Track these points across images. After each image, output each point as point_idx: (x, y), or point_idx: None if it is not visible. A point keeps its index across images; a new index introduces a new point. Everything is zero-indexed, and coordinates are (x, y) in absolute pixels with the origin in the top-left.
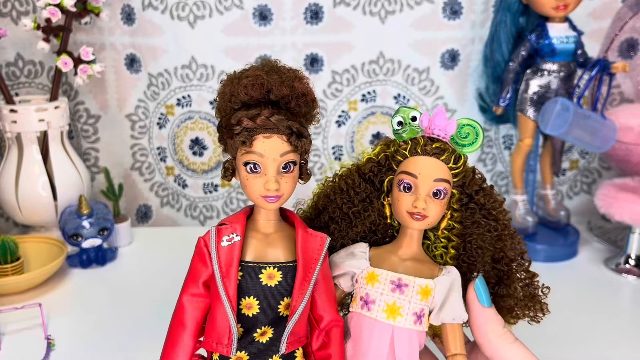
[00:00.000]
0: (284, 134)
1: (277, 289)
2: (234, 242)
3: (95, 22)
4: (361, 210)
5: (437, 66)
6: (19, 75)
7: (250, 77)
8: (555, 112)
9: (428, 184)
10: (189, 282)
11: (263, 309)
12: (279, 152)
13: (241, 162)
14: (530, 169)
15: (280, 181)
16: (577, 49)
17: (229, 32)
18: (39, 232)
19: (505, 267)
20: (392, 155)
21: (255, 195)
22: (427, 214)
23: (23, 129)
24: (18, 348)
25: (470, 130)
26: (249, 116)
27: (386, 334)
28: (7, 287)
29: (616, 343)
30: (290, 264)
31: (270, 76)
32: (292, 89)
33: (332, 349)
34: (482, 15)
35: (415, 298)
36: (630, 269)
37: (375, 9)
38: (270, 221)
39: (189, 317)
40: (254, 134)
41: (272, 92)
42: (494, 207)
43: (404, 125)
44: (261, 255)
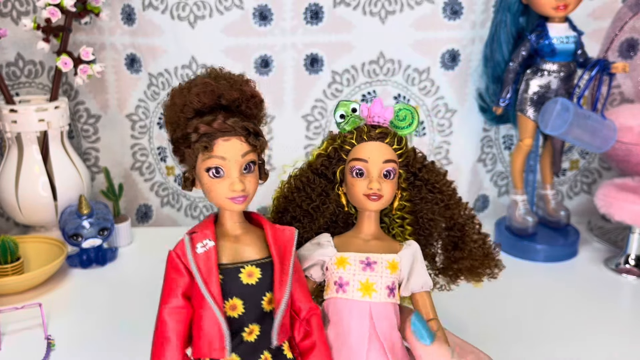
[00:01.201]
0: (242, 135)
1: (258, 285)
2: (209, 247)
3: (95, 22)
4: (319, 204)
5: (437, 66)
6: (19, 75)
7: (199, 85)
8: (555, 112)
9: (378, 165)
10: (167, 295)
11: (248, 307)
12: (240, 153)
13: (202, 168)
14: (530, 169)
15: (244, 181)
16: (577, 49)
17: (229, 32)
18: (39, 232)
19: (459, 232)
20: (340, 146)
21: (221, 199)
22: (381, 193)
23: (23, 129)
24: (18, 348)
25: (407, 113)
26: (206, 122)
27: (365, 311)
28: (7, 287)
29: (616, 343)
30: (266, 260)
31: (219, 82)
32: (241, 92)
33: (315, 337)
34: (483, 16)
35: (385, 272)
36: (630, 269)
37: (375, 9)
38: (237, 223)
39: (172, 330)
40: (213, 138)
41: (223, 96)
42: (437, 180)
43: (346, 117)
44: (236, 256)
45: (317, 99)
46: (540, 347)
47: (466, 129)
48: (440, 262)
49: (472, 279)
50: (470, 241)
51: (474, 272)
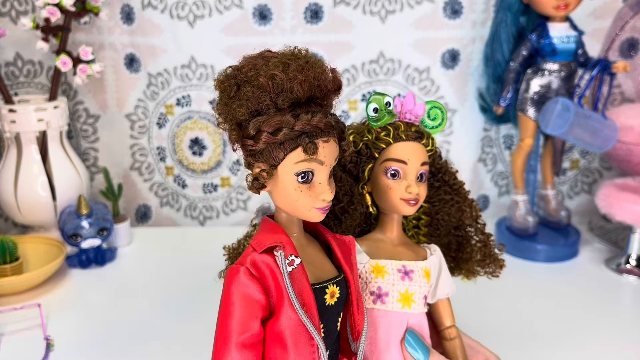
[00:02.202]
0: (336, 137)
1: (336, 306)
2: (297, 265)
3: (95, 22)
4: (346, 204)
5: (437, 66)
6: (18, 75)
7: (298, 70)
8: (556, 112)
9: (416, 168)
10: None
11: (327, 331)
12: (334, 157)
13: (292, 171)
14: (530, 169)
15: (332, 191)
16: (577, 48)
17: (228, 31)
18: (38, 233)
19: (464, 232)
20: (373, 143)
21: (306, 208)
22: (419, 198)
23: (22, 128)
24: (17, 348)
25: (438, 112)
26: (306, 118)
27: (402, 323)
28: (6, 287)
29: (617, 343)
30: (341, 277)
31: (315, 69)
32: (334, 82)
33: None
34: (483, 15)
35: (423, 282)
36: (631, 269)
37: (375, 9)
38: (299, 232)
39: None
40: (314, 138)
41: (319, 88)
42: (456, 182)
43: (380, 112)
44: (319, 274)
45: None
46: (541, 347)
47: (466, 129)
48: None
49: (469, 276)
50: (474, 241)
51: (471, 272)
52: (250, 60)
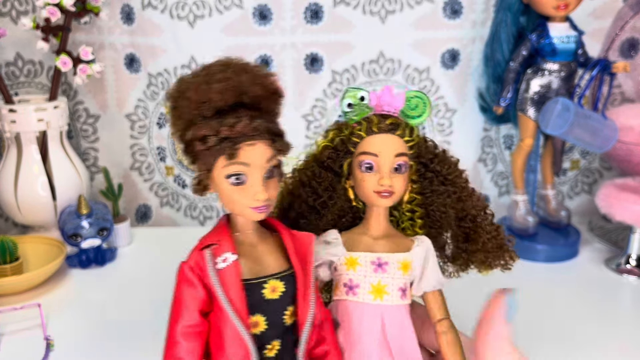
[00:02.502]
0: (267, 139)
1: (281, 300)
2: (231, 262)
3: (95, 22)
4: (326, 199)
5: (437, 66)
6: (18, 74)
7: (220, 80)
8: (556, 112)
9: (389, 160)
10: (180, 314)
11: (271, 323)
12: (265, 159)
13: (222, 175)
14: (531, 169)
15: (268, 189)
16: (577, 48)
17: (228, 31)
18: (38, 232)
19: (471, 223)
20: (348, 138)
21: (242, 208)
22: (393, 189)
23: (22, 128)
24: (17, 348)
25: (419, 102)
26: (229, 125)
27: (376, 315)
28: (6, 287)
29: (617, 343)
30: (288, 272)
31: (241, 76)
32: (264, 87)
33: (329, 343)
34: (483, 15)
35: (398, 274)
36: (631, 270)
37: (375, 9)
38: (252, 230)
39: (185, 351)
40: (237, 143)
41: (246, 93)
42: (450, 172)
43: (354, 106)
44: (258, 268)
45: (317, 98)
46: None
47: (466, 129)
48: (450, 251)
49: (483, 268)
50: (483, 233)
51: (486, 264)
52: (184, 78)
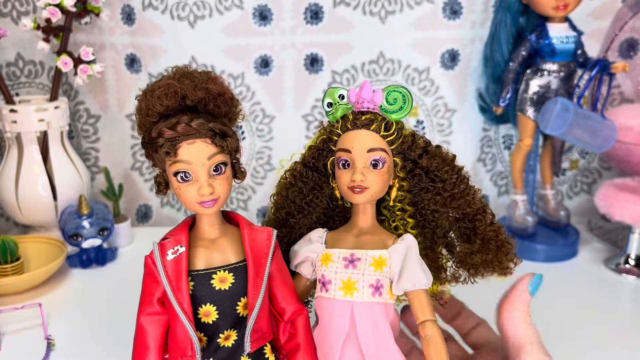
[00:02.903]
0: (207, 137)
1: (232, 291)
2: (180, 254)
3: (95, 22)
4: (312, 198)
5: (437, 66)
6: (19, 75)
7: (162, 87)
8: (555, 112)
9: (363, 155)
10: (144, 302)
11: (222, 313)
12: (206, 156)
13: (170, 173)
14: (530, 169)
15: (214, 184)
16: (577, 49)
17: (229, 32)
18: (39, 232)
19: (469, 223)
20: (329, 137)
21: (191, 203)
22: (366, 185)
23: (23, 129)
24: (18, 348)
25: (398, 96)
26: (169, 125)
27: (346, 311)
28: (7, 287)
29: (616, 343)
30: (240, 264)
31: (183, 82)
32: (207, 91)
33: (300, 338)
34: (482, 15)
35: (369, 270)
36: (630, 269)
37: (375, 9)
38: (214, 226)
39: (150, 337)
40: (176, 142)
41: (187, 97)
42: (439, 168)
43: (334, 105)
44: (210, 262)
45: (317, 98)
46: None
47: (466, 129)
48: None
49: (491, 272)
50: (482, 233)
51: (488, 266)
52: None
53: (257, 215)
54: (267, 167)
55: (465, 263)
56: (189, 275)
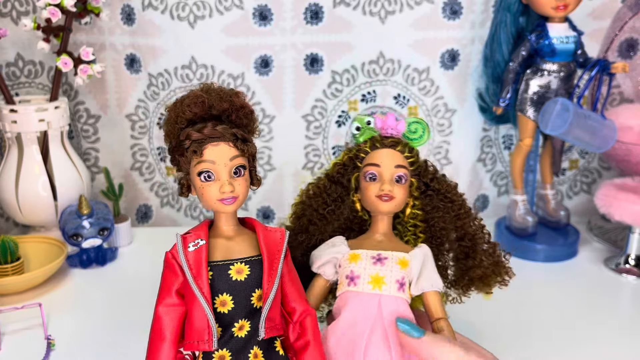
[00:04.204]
0: (230, 141)
1: (247, 282)
2: (200, 246)
3: (95, 22)
4: (334, 208)
5: (437, 66)
6: (19, 75)
7: (191, 97)
8: (555, 112)
9: (390, 170)
10: (163, 293)
11: (237, 303)
12: (228, 157)
13: (195, 173)
14: (530, 169)
15: (234, 184)
16: (577, 49)
17: (229, 32)
18: (39, 232)
19: (469, 242)
20: (356, 155)
21: (212, 201)
22: (393, 195)
23: (23, 129)
24: (18, 348)
25: (418, 127)
26: (196, 129)
27: (373, 303)
28: (7, 287)
29: (616, 343)
30: (255, 258)
31: (210, 94)
32: (231, 102)
33: (309, 336)
34: (482, 16)
35: (396, 267)
36: (630, 269)
37: (375, 9)
38: (231, 226)
39: (167, 327)
40: (203, 143)
41: (214, 107)
42: (448, 190)
43: (362, 130)
44: (227, 254)
45: (317, 98)
46: (540, 347)
47: (466, 129)
48: (452, 274)
49: (483, 288)
50: (480, 250)
51: (485, 281)
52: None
53: (257, 216)
54: (267, 167)
55: (461, 281)
56: (208, 266)
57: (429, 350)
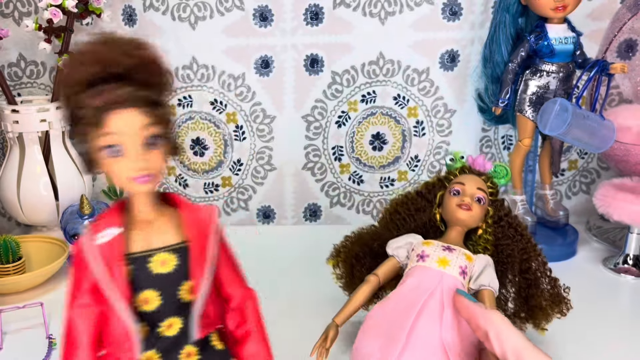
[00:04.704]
0: (139, 106)
1: (174, 274)
2: (113, 237)
3: (97, 23)
4: (414, 213)
5: (436, 67)
6: (21, 75)
7: (86, 53)
8: (554, 112)
9: (472, 189)
10: (73, 293)
11: (163, 299)
12: (138, 127)
13: (97, 148)
14: (529, 169)
15: (148, 158)
16: (575, 49)
17: (229, 33)
18: (40, 232)
19: (532, 275)
20: (446, 177)
21: (122, 180)
22: (471, 208)
23: (25, 129)
24: (20, 347)
25: (502, 170)
26: (93, 94)
27: (436, 277)
28: (9, 286)
29: (615, 343)
30: (181, 244)
31: (110, 48)
32: (136, 57)
33: (250, 324)
34: (482, 16)
35: (461, 257)
36: (629, 269)
37: (375, 10)
38: (149, 206)
39: (81, 332)
40: (103, 112)
41: (115, 64)
42: (519, 225)
43: (455, 161)
44: (148, 243)
45: (317, 99)
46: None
47: (465, 129)
48: (512, 307)
49: (541, 320)
50: (542, 284)
51: (544, 311)
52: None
53: (257, 215)
54: (267, 167)
55: (523, 307)
56: (127, 259)
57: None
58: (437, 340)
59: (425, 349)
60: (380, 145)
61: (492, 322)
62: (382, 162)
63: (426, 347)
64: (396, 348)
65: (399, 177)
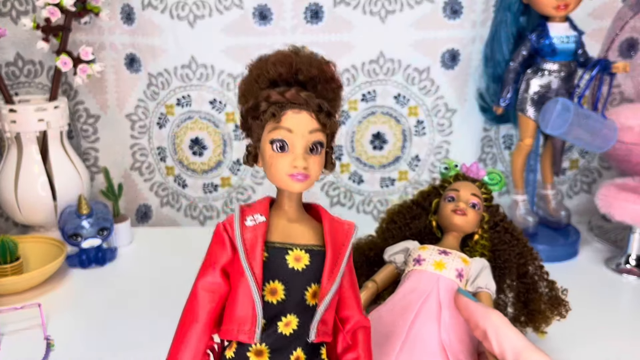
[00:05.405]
0: (314, 111)
1: (305, 273)
2: (259, 222)
3: (95, 22)
4: (410, 222)
5: (437, 66)
6: (18, 75)
7: (278, 55)
8: (555, 111)
9: (467, 195)
10: (206, 269)
11: (289, 294)
12: (308, 129)
13: (267, 140)
14: (530, 168)
15: (308, 160)
16: (577, 48)
17: (228, 31)
18: (38, 232)
19: (530, 279)
20: (441, 185)
21: (280, 175)
22: (466, 213)
23: (22, 128)
24: (17, 348)
25: (496, 176)
26: (279, 91)
27: (432, 280)
28: (7, 287)
29: (616, 343)
30: (317, 248)
31: (299, 57)
32: (320, 71)
33: (360, 351)
34: (483, 15)
35: (457, 260)
36: (631, 269)
37: (375, 9)
38: (294, 207)
39: (202, 308)
40: (283, 108)
41: (301, 72)
42: (515, 230)
43: (450, 169)
44: (287, 236)
45: None
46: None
47: (466, 129)
48: (512, 312)
49: (541, 323)
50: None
51: (543, 314)
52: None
53: None
54: None
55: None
56: (265, 246)
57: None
58: (436, 340)
59: (425, 349)
60: (380, 145)
61: (490, 321)
62: (383, 162)
63: (425, 348)
64: (394, 349)
65: (400, 176)
